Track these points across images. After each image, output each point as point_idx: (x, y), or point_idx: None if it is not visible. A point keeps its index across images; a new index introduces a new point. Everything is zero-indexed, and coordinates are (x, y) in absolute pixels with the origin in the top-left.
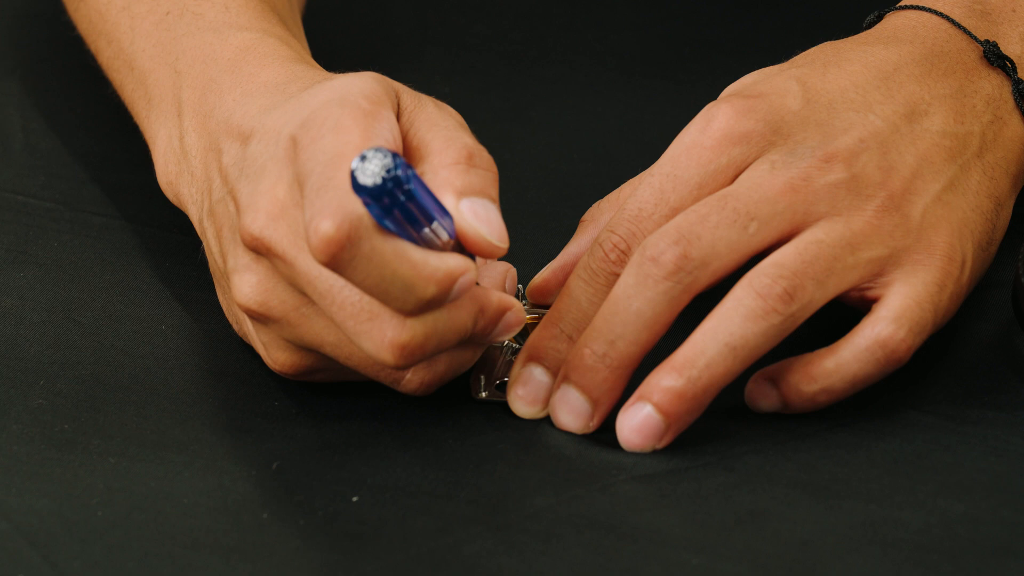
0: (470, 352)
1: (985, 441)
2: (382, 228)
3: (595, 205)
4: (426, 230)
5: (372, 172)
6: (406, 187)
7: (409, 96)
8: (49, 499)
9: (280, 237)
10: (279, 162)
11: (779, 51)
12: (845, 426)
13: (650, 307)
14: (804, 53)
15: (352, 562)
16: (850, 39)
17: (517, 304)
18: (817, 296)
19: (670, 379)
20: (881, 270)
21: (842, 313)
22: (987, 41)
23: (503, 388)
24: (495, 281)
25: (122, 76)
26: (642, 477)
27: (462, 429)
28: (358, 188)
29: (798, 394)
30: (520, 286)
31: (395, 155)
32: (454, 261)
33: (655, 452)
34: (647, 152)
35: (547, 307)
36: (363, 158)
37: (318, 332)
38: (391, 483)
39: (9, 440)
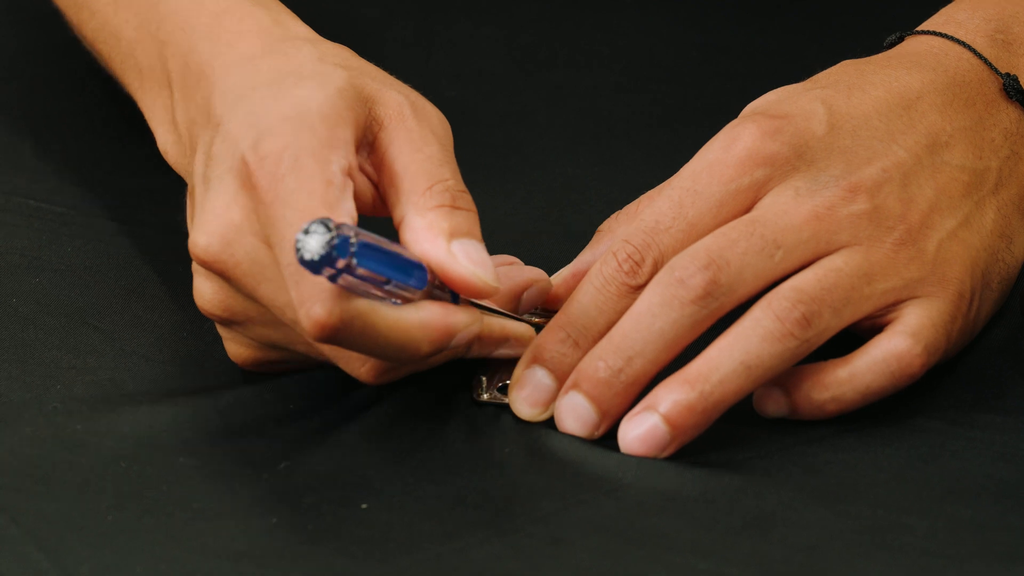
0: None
1: (992, 446)
2: (366, 296)
3: (612, 216)
4: (390, 287)
5: (312, 249)
6: (350, 262)
7: (389, 107)
8: (59, 503)
9: (236, 264)
10: (233, 182)
11: (785, 56)
12: (852, 431)
13: (673, 329)
14: (826, 72)
15: (360, 567)
16: (872, 60)
17: (516, 333)
18: (833, 324)
19: (681, 392)
20: (895, 301)
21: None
22: (1008, 74)
23: (504, 390)
24: (514, 287)
25: (110, 48)
26: (648, 481)
27: (469, 433)
28: (301, 261)
29: (808, 401)
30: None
31: (339, 231)
32: (453, 319)
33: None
34: (654, 157)
35: (553, 311)
36: (306, 231)
37: (286, 335)
38: (398, 487)
39: (21, 443)
